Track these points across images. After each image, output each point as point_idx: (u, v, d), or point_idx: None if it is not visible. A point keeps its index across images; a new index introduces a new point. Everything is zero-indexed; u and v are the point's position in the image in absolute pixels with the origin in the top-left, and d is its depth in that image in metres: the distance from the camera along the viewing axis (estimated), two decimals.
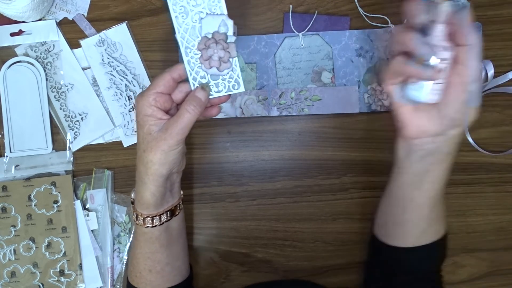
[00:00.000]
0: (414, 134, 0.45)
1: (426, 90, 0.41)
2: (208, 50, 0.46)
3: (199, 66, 0.46)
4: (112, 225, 0.63)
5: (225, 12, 0.45)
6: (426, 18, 0.40)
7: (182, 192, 0.54)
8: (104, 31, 0.62)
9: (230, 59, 0.46)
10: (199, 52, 0.46)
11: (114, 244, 0.64)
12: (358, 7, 0.62)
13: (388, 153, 0.64)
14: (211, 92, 0.47)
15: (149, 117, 0.46)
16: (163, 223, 0.51)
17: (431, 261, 0.52)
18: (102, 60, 0.62)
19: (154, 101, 0.46)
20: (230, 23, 0.46)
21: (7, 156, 0.62)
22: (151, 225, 0.50)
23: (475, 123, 0.64)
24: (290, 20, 0.62)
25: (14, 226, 0.62)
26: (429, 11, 0.39)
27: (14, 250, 0.62)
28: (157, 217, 0.50)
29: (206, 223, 0.65)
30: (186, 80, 0.48)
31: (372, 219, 0.57)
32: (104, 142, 0.64)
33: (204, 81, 0.47)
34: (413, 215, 0.50)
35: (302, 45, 0.62)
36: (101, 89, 0.63)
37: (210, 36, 0.46)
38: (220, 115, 0.62)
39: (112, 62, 0.62)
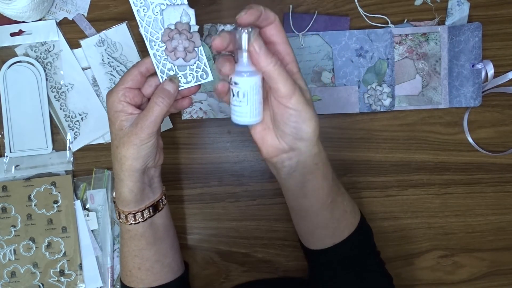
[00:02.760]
0: (270, 153, 0.46)
1: (245, 114, 0.43)
2: (172, 41, 0.46)
3: (165, 58, 0.46)
4: (112, 225, 0.63)
5: (185, 1, 0.45)
6: (233, 47, 0.42)
7: (164, 187, 0.54)
8: (104, 31, 0.62)
9: (196, 49, 0.46)
10: (164, 44, 0.46)
11: (114, 244, 0.64)
12: (358, 7, 0.62)
13: (388, 153, 0.64)
14: (180, 84, 0.47)
15: (119, 113, 0.46)
16: (146, 219, 0.50)
17: (360, 246, 0.53)
18: (102, 60, 0.62)
19: (123, 97, 0.45)
20: (191, 12, 0.45)
21: (7, 156, 0.62)
22: (134, 222, 0.50)
23: (475, 123, 0.64)
24: (290, 20, 0.62)
25: (14, 226, 0.62)
26: (233, 40, 0.41)
27: (14, 250, 0.62)
28: (139, 214, 0.50)
29: (206, 223, 0.65)
30: (155, 74, 0.47)
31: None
32: (104, 142, 0.64)
33: (172, 73, 0.47)
34: (317, 221, 0.50)
35: (302, 45, 0.62)
36: (101, 89, 0.63)
37: (172, 27, 0.45)
38: (220, 115, 0.62)
39: (112, 62, 0.62)
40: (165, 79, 0.46)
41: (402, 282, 0.65)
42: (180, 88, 0.47)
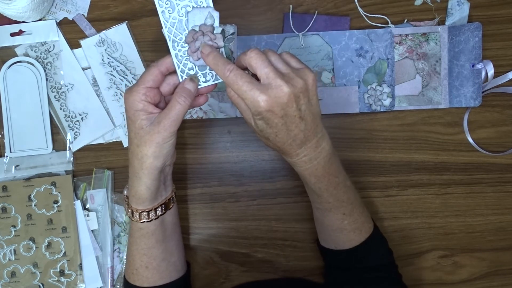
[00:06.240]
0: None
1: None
2: (196, 43, 0.47)
3: (186, 58, 0.47)
4: (112, 225, 0.63)
5: (211, 4, 0.46)
6: None
7: (174, 185, 0.55)
8: (104, 31, 0.62)
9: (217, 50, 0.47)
10: (187, 45, 0.47)
11: (114, 244, 0.64)
12: (358, 7, 0.62)
13: (388, 153, 0.64)
14: (199, 83, 0.48)
15: (140, 112, 0.46)
16: (158, 216, 0.51)
17: (378, 254, 0.55)
18: (102, 60, 0.62)
19: (144, 96, 0.46)
20: (216, 14, 0.46)
21: (7, 156, 0.62)
22: (147, 220, 0.50)
23: (475, 123, 0.64)
24: (290, 20, 0.62)
25: (14, 226, 0.62)
26: None
27: (14, 250, 0.62)
28: (152, 211, 0.50)
29: (206, 223, 0.65)
30: (173, 73, 0.48)
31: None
32: (104, 142, 0.64)
33: (192, 72, 0.48)
34: (323, 220, 0.54)
35: (302, 45, 0.62)
36: (101, 89, 0.63)
37: (197, 28, 0.46)
38: (220, 115, 0.62)
39: (112, 62, 0.62)
40: (185, 78, 0.47)
41: None
42: (199, 87, 0.48)
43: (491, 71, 0.62)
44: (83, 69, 0.63)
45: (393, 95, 0.62)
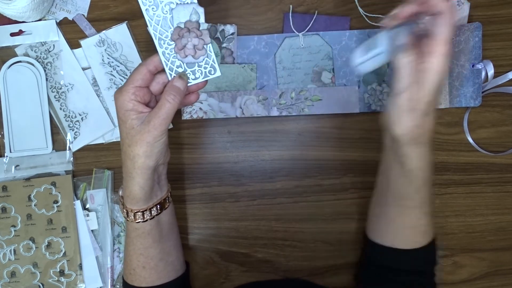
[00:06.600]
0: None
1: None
2: (182, 40, 0.46)
3: (174, 56, 0.47)
4: (112, 225, 0.63)
5: (195, 0, 0.46)
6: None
7: (169, 185, 0.55)
8: (104, 31, 0.62)
9: (205, 46, 0.47)
10: (173, 42, 0.46)
11: (114, 244, 0.64)
12: (358, 7, 0.62)
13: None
14: (188, 80, 0.48)
15: (130, 112, 0.46)
16: (153, 216, 0.51)
17: (425, 263, 0.54)
18: (102, 60, 0.62)
19: (134, 96, 0.46)
20: (201, 10, 0.46)
21: (7, 156, 0.62)
22: (142, 220, 0.50)
23: (475, 123, 0.64)
24: (290, 20, 0.62)
25: (14, 226, 0.62)
26: None
27: (14, 250, 0.62)
28: (147, 211, 0.50)
29: (206, 223, 0.65)
30: (163, 71, 0.48)
31: (366, 220, 0.59)
32: (104, 142, 0.64)
33: (180, 70, 0.47)
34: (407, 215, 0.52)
35: (302, 45, 0.62)
36: (101, 89, 0.63)
37: (182, 25, 0.46)
38: (220, 115, 0.62)
39: (112, 62, 0.62)
40: (174, 76, 0.47)
41: None
42: (188, 84, 0.48)
43: (491, 71, 0.62)
44: (83, 69, 0.63)
45: None
